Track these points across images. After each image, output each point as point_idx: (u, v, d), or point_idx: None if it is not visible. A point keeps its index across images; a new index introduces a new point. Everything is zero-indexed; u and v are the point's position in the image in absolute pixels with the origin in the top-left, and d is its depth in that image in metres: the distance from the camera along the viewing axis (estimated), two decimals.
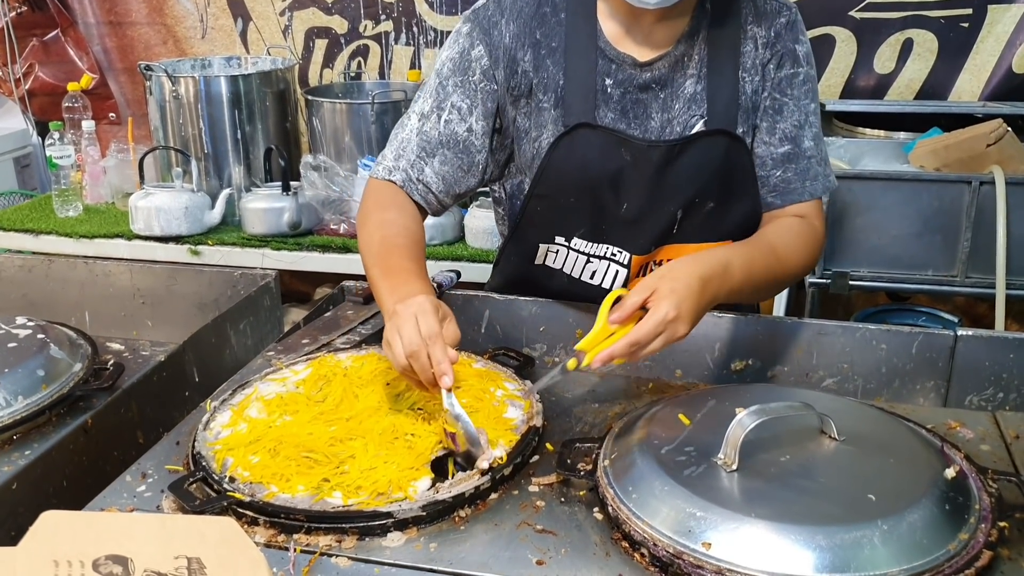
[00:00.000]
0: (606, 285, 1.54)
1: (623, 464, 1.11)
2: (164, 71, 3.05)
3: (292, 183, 2.99)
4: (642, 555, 1.00)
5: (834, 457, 1.12)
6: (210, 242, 2.99)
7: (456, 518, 1.08)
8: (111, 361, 1.46)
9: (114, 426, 1.35)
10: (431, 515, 1.07)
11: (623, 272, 1.53)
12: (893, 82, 3.07)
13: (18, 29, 3.78)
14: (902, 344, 1.42)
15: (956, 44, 2.98)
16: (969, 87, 3.02)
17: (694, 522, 0.99)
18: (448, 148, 1.53)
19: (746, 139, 1.50)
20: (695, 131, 1.47)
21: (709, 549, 0.97)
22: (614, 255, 1.53)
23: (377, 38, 3.45)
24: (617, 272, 1.54)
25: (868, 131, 2.78)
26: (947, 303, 2.90)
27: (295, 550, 1.02)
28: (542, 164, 1.50)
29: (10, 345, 1.41)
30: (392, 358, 1.23)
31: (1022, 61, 2.92)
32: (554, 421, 1.31)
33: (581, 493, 1.13)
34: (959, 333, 1.40)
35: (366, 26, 3.43)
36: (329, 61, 3.52)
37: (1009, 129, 2.39)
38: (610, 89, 1.48)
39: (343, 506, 1.07)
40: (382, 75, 3.48)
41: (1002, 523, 1.03)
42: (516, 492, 1.14)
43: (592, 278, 1.56)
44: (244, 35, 3.54)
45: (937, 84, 3.04)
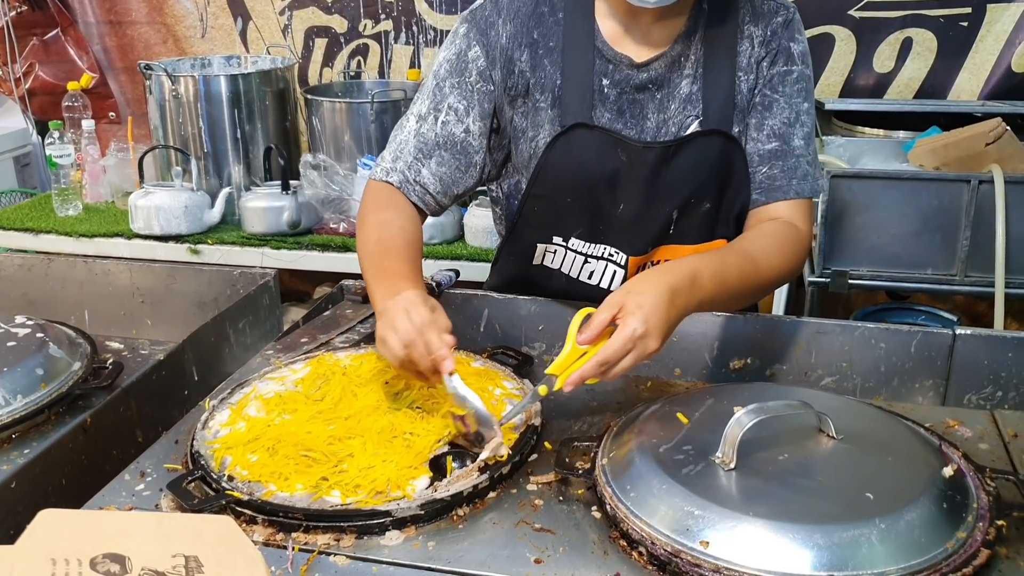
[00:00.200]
0: (604, 286, 1.54)
1: (621, 463, 1.11)
2: (164, 70, 3.05)
3: (292, 182, 2.99)
4: (640, 553, 1.01)
5: (832, 456, 1.12)
6: (210, 241, 2.99)
7: (454, 517, 1.08)
8: (110, 360, 1.46)
9: (113, 425, 1.35)
10: (429, 514, 1.07)
11: (620, 273, 1.53)
12: (892, 81, 3.08)
13: (18, 28, 3.78)
14: (901, 343, 1.42)
15: (955, 43, 2.98)
16: (968, 86, 3.02)
17: (692, 520, 0.99)
18: (445, 149, 1.53)
19: (741, 139, 1.49)
20: (690, 131, 1.47)
21: (707, 547, 0.97)
22: (611, 256, 1.53)
23: (377, 37, 3.45)
24: (615, 273, 1.54)
25: (867, 130, 2.78)
26: (946, 302, 2.89)
27: (293, 549, 1.02)
28: (539, 164, 1.50)
29: (9, 344, 1.41)
30: (388, 353, 1.23)
31: (1021, 60, 2.92)
32: (552, 420, 1.32)
33: (579, 492, 1.13)
34: (958, 332, 1.40)
35: (366, 25, 3.43)
36: (329, 60, 3.52)
37: (1008, 128, 2.39)
38: (607, 89, 1.47)
39: (341, 505, 1.07)
40: (382, 74, 3.49)
41: (1000, 522, 1.03)
42: (514, 491, 1.14)
43: (590, 278, 1.56)
44: (244, 34, 3.54)
45: (936, 83, 3.04)
